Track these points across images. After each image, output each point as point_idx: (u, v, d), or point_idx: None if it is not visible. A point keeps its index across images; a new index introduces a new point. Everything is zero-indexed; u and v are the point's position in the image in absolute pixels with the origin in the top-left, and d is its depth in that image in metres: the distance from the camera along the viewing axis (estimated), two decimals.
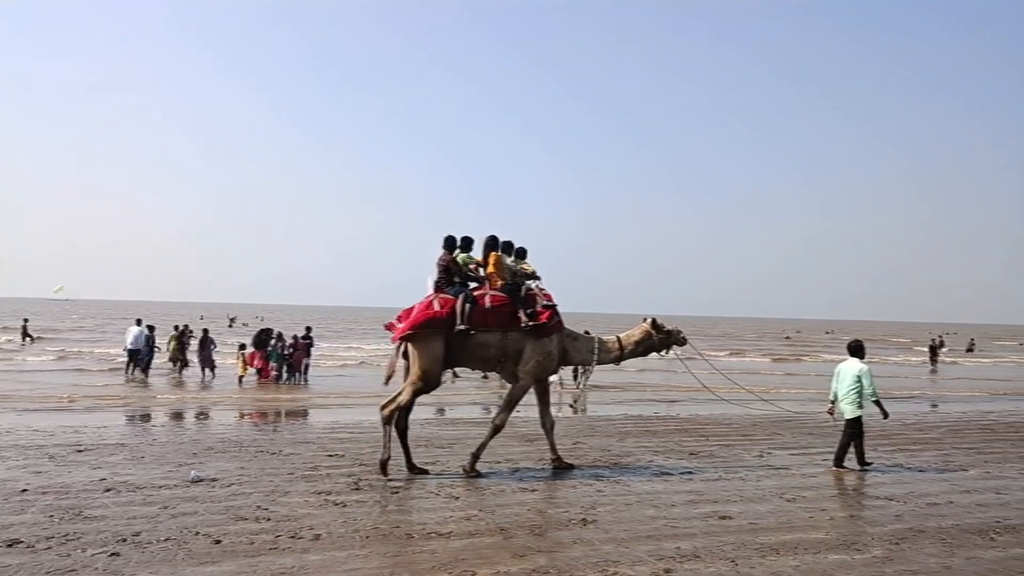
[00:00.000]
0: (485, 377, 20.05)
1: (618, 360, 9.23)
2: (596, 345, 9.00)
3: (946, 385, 25.41)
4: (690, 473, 8.62)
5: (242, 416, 13.93)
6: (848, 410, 9.03)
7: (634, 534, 6.03)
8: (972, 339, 56.19)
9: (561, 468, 8.58)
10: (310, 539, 5.67)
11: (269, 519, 6.18)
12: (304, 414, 14.37)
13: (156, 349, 21.36)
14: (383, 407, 8.17)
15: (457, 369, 23.25)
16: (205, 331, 21.82)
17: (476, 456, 8.28)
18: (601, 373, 14.28)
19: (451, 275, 8.44)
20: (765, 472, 8.75)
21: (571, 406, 8.91)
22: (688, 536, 6.02)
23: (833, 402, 9.27)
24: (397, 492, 7.29)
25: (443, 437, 10.75)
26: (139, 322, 21.46)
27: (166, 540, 5.54)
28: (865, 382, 8.99)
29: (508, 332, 8.32)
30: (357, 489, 7.35)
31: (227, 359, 22.43)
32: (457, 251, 8.63)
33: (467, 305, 8.11)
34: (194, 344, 21.74)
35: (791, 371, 30.49)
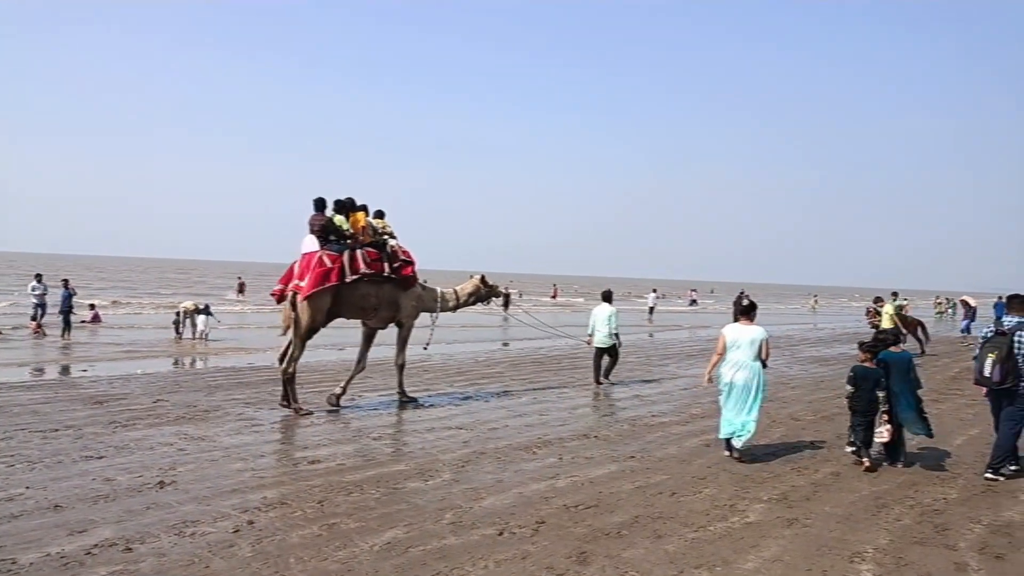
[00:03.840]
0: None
1: (455, 308, 10.98)
2: (439, 295, 10.63)
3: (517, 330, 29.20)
4: (281, 423, 8.59)
5: None
6: (605, 341, 12.04)
7: (218, 490, 5.80)
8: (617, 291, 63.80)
9: (334, 406, 9.49)
10: None
11: None
12: None
13: None
14: (285, 369, 9.01)
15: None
16: None
17: (402, 391, 10.04)
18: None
19: (328, 234, 9.24)
20: (355, 414, 9.18)
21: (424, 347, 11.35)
22: (276, 485, 6.02)
23: (591, 335, 12.24)
24: None
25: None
26: None
27: None
28: (613, 322, 12.02)
29: (383, 283, 9.58)
30: None
31: None
32: (332, 213, 9.41)
33: (352, 261, 9.19)
34: None
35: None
